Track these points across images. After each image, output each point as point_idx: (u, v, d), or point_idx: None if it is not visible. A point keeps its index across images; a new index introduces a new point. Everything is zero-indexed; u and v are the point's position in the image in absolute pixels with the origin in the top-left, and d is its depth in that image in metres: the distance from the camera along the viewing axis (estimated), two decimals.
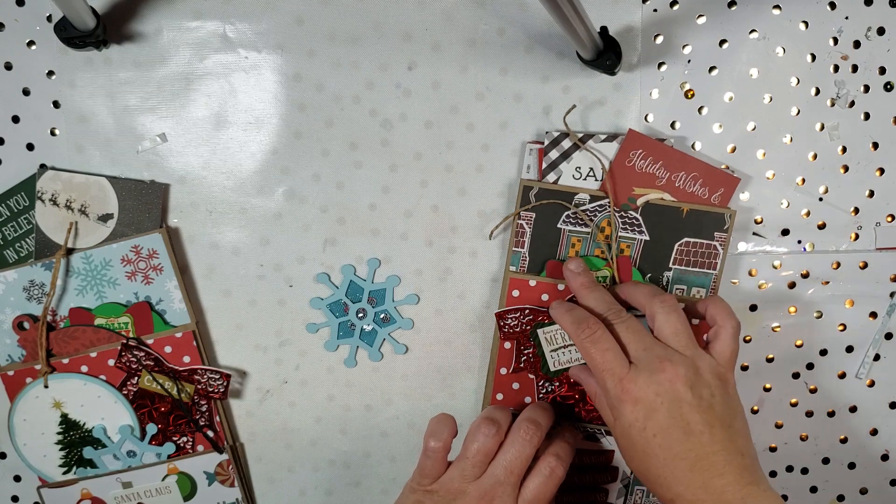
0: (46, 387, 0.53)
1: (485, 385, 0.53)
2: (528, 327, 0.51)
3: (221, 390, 0.53)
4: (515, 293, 0.51)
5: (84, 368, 0.53)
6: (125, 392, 0.53)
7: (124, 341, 0.52)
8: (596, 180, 0.50)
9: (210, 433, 0.54)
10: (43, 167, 0.52)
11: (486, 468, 0.45)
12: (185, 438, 0.54)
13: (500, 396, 0.52)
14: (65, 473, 0.55)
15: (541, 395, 0.52)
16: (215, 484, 0.55)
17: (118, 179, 0.52)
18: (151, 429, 0.54)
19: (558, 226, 0.51)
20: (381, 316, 0.54)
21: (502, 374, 0.52)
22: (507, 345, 0.52)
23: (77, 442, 0.54)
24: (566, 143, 0.50)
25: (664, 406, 0.40)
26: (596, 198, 0.50)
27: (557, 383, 0.51)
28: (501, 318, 0.51)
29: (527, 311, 0.51)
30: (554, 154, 0.50)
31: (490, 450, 0.45)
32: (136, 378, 0.53)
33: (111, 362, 0.53)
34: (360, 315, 0.54)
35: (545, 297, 0.51)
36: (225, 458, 0.55)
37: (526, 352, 0.51)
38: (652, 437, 0.40)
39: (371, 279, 0.53)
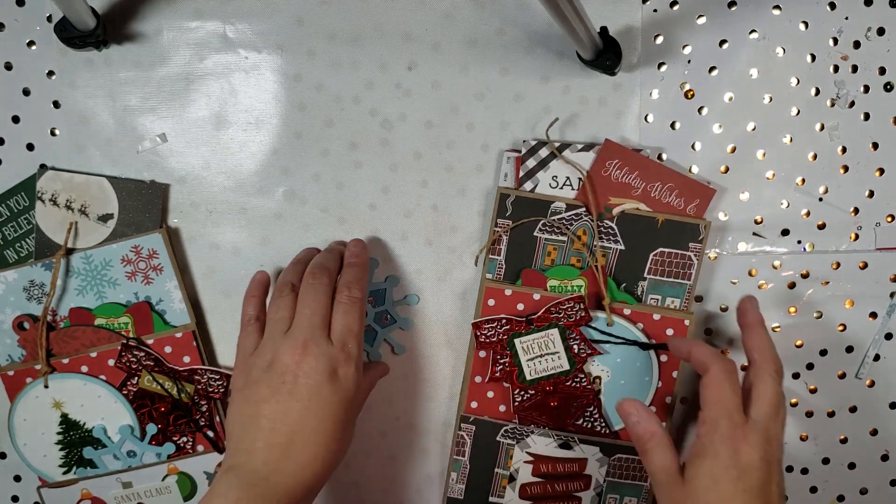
0: (46, 387, 0.53)
1: (459, 393, 0.53)
2: (505, 337, 0.51)
3: (221, 390, 0.53)
4: (491, 302, 0.51)
5: (84, 368, 0.53)
6: (125, 392, 0.53)
7: (124, 341, 0.52)
8: (573, 189, 0.51)
9: (210, 433, 0.54)
10: (43, 167, 0.52)
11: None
12: (184, 438, 0.54)
13: (474, 405, 0.52)
14: (65, 473, 0.55)
15: (516, 403, 0.52)
16: None
17: (118, 179, 0.52)
18: (151, 429, 0.54)
19: (535, 234, 0.51)
20: (381, 316, 0.54)
21: (477, 382, 0.52)
22: (483, 353, 0.52)
23: (77, 442, 0.54)
24: (543, 152, 0.50)
25: (761, 472, 0.41)
26: (572, 206, 0.50)
27: (533, 391, 0.51)
28: (478, 328, 0.51)
29: (503, 321, 0.50)
30: (531, 163, 0.51)
31: (291, 306, 0.47)
32: (136, 378, 0.53)
33: (111, 362, 0.53)
34: None
35: (521, 306, 0.51)
36: None
37: (502, 361, 0.51)
38: (742, 491, 0.41)
39: (370, 279, 0.53)
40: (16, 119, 0.52)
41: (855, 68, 0.50)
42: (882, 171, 0.51)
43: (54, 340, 0.53)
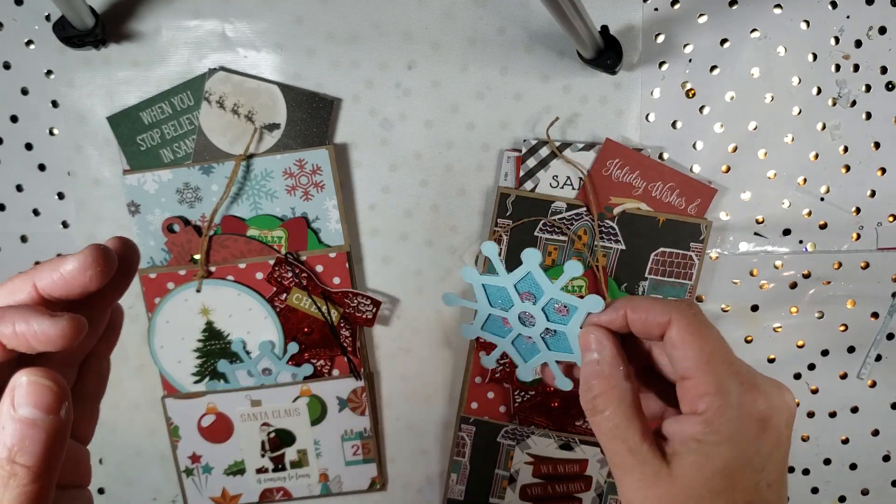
0: (199, 291, 0.51)
1: (459, 394, 0.53)
2: None
3: (370, 317, 0.52)
4: None
5: (230, 279, 0.51)
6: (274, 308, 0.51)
7: (280, 255, 0.51)
8: (573, 189, 0.50)
9: (352, 358, 0.52)
10: (213, 70, 0.51)
11: None
12: (322, 361, 0.52)
13: (474, 405, 0.52)
14: (196, 384, 0.52)
15: (516, 404, 0.51)
16: (346, 410, 0.53)
17: (290, 88, 0.51)
18: (293, 347, 0.52)
19: (535, 234, 0.51)
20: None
21: (477, 382, 0.52)
22: (483, 354, 0.51)
23: (216, 352, 0.52)
24: (544, 152, 0.50)
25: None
26: (573, 206, 0.50)
27: (534, 392, 0.51)
28: None
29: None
30: (532, 162, 0.50)
31: None
32: (285, 294, 0.51)
33: (259, 276, 0.51)
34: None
35: None
36: (360, 385, 0.53)
37: (502, 361, 0.51)
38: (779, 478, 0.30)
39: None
40: (14, 118, 0.52)
41: (856, 67, 0.50)
42: (884, 170, 0.51)
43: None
